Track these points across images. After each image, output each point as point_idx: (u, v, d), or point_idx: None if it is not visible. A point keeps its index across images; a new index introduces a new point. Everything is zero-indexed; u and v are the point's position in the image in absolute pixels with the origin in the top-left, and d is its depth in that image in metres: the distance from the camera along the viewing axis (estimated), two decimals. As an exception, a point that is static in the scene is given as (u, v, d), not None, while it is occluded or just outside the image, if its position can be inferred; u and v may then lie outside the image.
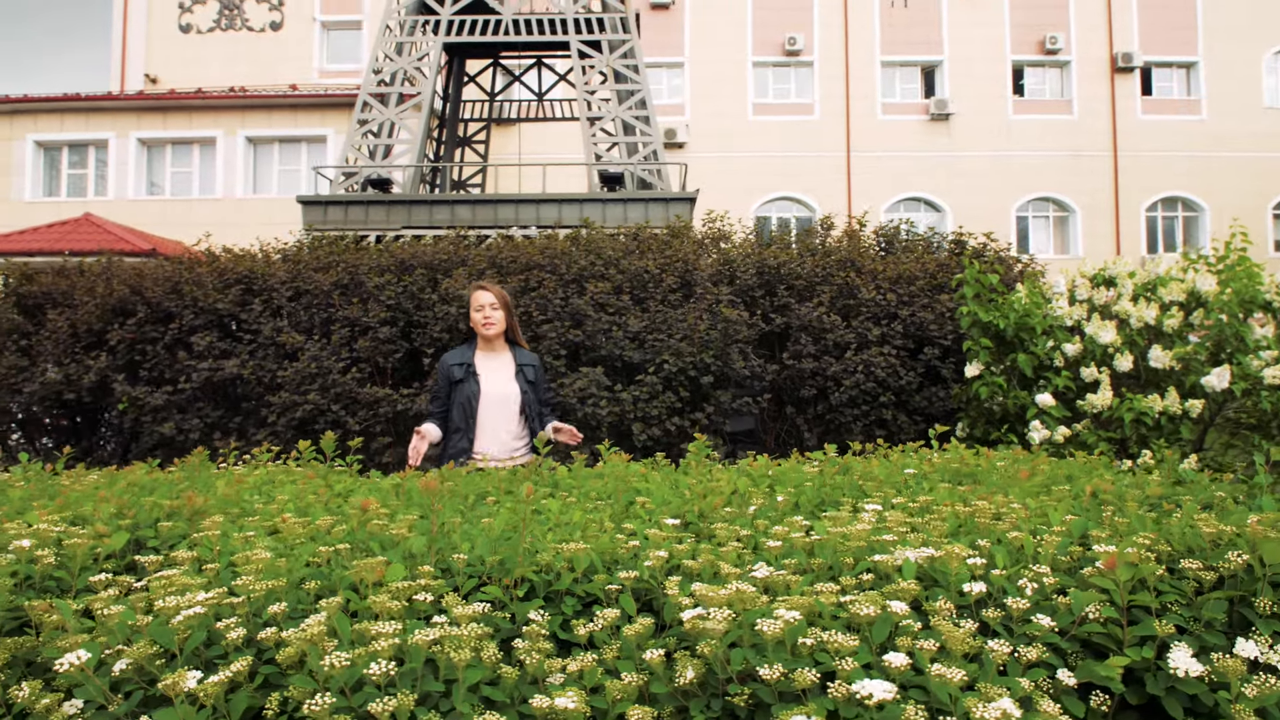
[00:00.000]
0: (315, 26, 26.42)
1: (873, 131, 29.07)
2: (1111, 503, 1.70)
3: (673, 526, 1.62)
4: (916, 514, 1.60)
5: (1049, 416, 5.13)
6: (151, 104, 22.75)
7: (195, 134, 22.96)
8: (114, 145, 22.84)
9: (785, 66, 30.18)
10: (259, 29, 26.70)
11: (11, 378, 6.60)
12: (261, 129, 22.89)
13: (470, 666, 1.08)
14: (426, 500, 1.79)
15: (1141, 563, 1.20)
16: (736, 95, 29.62)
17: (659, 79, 30.08)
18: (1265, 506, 1.49)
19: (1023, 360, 5.22)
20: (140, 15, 26.31)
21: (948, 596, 1.22)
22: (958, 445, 2.62)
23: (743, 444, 6.99)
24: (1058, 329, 5.49)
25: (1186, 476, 2.04)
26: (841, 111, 29.42)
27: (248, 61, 25.91)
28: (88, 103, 22.41)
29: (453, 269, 6.65)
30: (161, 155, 23.48)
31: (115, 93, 23.48)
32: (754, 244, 7.22)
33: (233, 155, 22.78)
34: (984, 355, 5.32)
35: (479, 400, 4.28)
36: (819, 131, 29.34)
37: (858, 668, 1.05)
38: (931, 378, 6.39)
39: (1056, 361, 5.43)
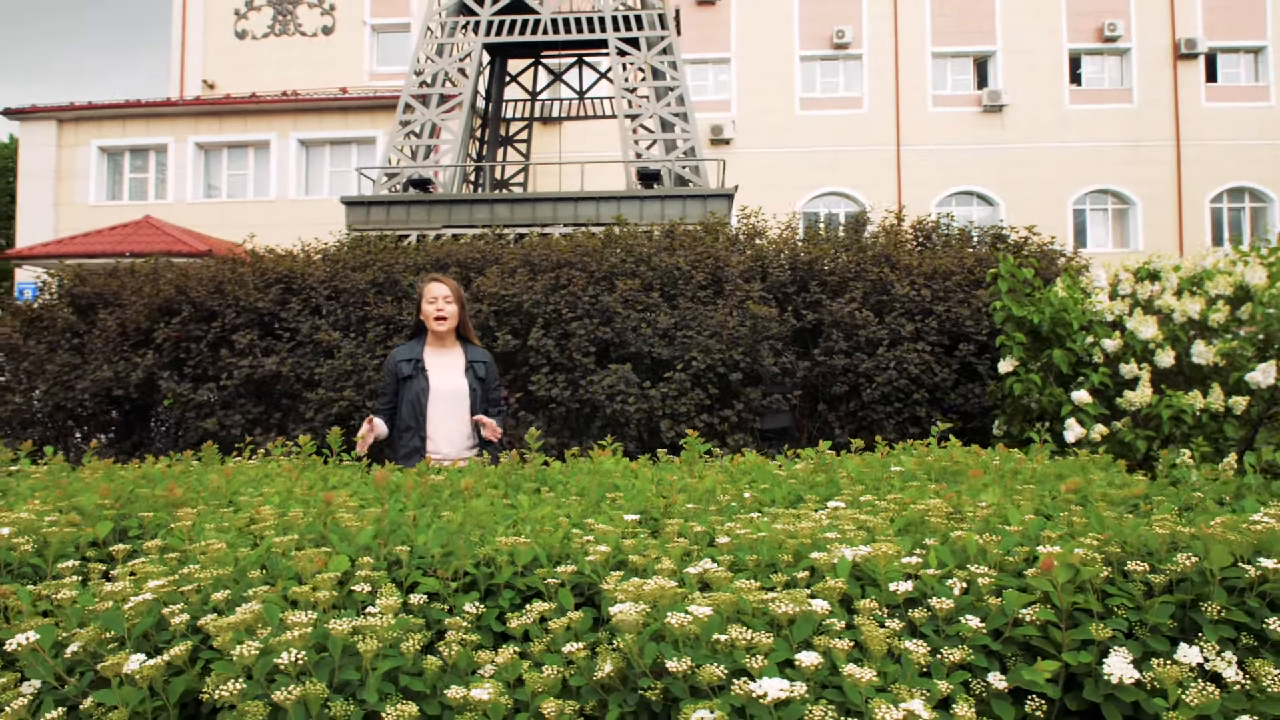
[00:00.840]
0: (365, 30, 26.88)
1: (923, 124, 28.57)
2: (1082, 502, 1.64)
3: (631, 522, 1.61)
4: (876, 512, 1.57)
5: (1085, 414, 4.98)
6: (208, 109, 23.39)
7: (250, 137, 23.54)
8: (173, 149, 23.53)
9: (833, 60, 29.81)
10: (311, 33, 27.26)
11: (65, 375, 6.84)
12: (313, 132, 23.37)
13: (387, 656, 1.08)
14: (414, 493, 1.82)
15: (1086, 564, 1.16)
16: (784, 90, 29.35)
17: (705, 75, 29.97)
18: (1248, 508, 1.41)
19: (1058, 356, 5.08)
20: (198, 23, 27.07)
21: (880, 596, 1.19)
22: (949, 442, 2.55)
23: (776, 441, 6.93)
24: (1097, 324, 5.33)
25: (1181, 476, 1.96)
26: (891, 104, 28.97)
27: (300, 66, 26.48)
28: (148, 109, 23.12)
29: (485, 267, 6.72)
30: (218, 158, 24.13)
31: (174, 99, 24.19)
32: (787, 239, 7.15)
33: (285, 158, 23.31)
34: (1018, 351, 5.19)
35: (428, 397, 4.14)
36: (868, 125, 28.92)
37: (770, 665, 1.03)
38: (967, 374, 6.27)
39: (1096, 358, 5.27)
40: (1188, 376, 5.17)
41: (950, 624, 1.14)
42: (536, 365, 6.13)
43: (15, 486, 2.10)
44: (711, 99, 29.72)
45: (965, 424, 6.22)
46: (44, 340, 7.06)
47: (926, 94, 28.55)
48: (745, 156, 29.06)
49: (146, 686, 1.07)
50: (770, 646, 1.03)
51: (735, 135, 29.11)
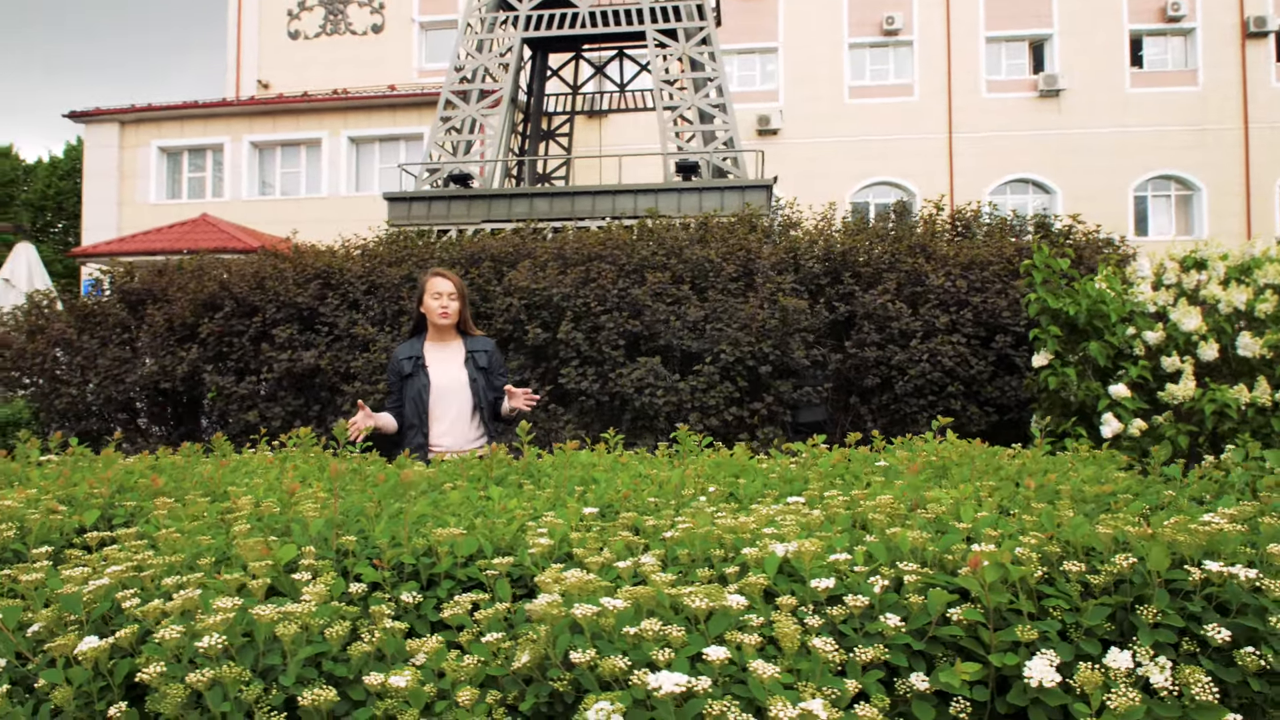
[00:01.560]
0: (414, 27, 27.23)
1: (976, 111, 27.94)
2: (1051, 499, 1.57)
3: (590, 515, 1.60)
4: (827, 508, 1.54)
5: (1123, 408, 4.83)
6: (261, 108, 23.94)
7: (302, 135, 24.03)
8: (229, 149, 24.14)
9: (883, 47, 29.32)
10: (361, 32, 27.71)
11: (115, 368, 7.07)
12: (363, 129, 23.77)
13: (310, 642, 1.10)
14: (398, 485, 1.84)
15: (1022, 563, 1.11)
16: (832, 78, 28.96)
17: (752, 65, 29.72)
18: (1220, 506, 1.34)
19: (1095, 349, 4.94)
20: (252, 24, 27.70)
21: (804, 593, 1.16)
22: (945, 437, 2.48)
23: (811, 434, 6.86)
24: (1139, 315, 5.17)
25: (1172, 474, 1.87)
26: (943, 91, 28.39)
27: (351, 64, 26.93)
28: (204, 109, 23.75)
29: (518, 261, 6.76)
30: (272, 157, 24.69)
31: (229, 99, 24.81)
32: (822, 230, 7.06)
33: (336, 155, 23.75)
34: (1052, 344, 5.06)
35: (429, 393, 4.14)
36: (919, 113, 28.39)
37: (681, 659, 1.02)
38: (1005, 367, 6.13)
39: (1137, 350, 5.11)
40: (1233, 370, 4.99)
41: (872, 622, 1.11)
42: (566, 358, 6.16)
43: (31, 476, 2.19)
44: (759, 89, 29.47)
45: (1002, 417, 6.08)
46: (96, 335, 7.32)
47: (980, 79, 27.92)
48: (793, 147, 28.77)
49: (91, 667, 1.11)
50: (682, 640, 1.02)
51: (783, 125, 28.81)
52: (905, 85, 28.61)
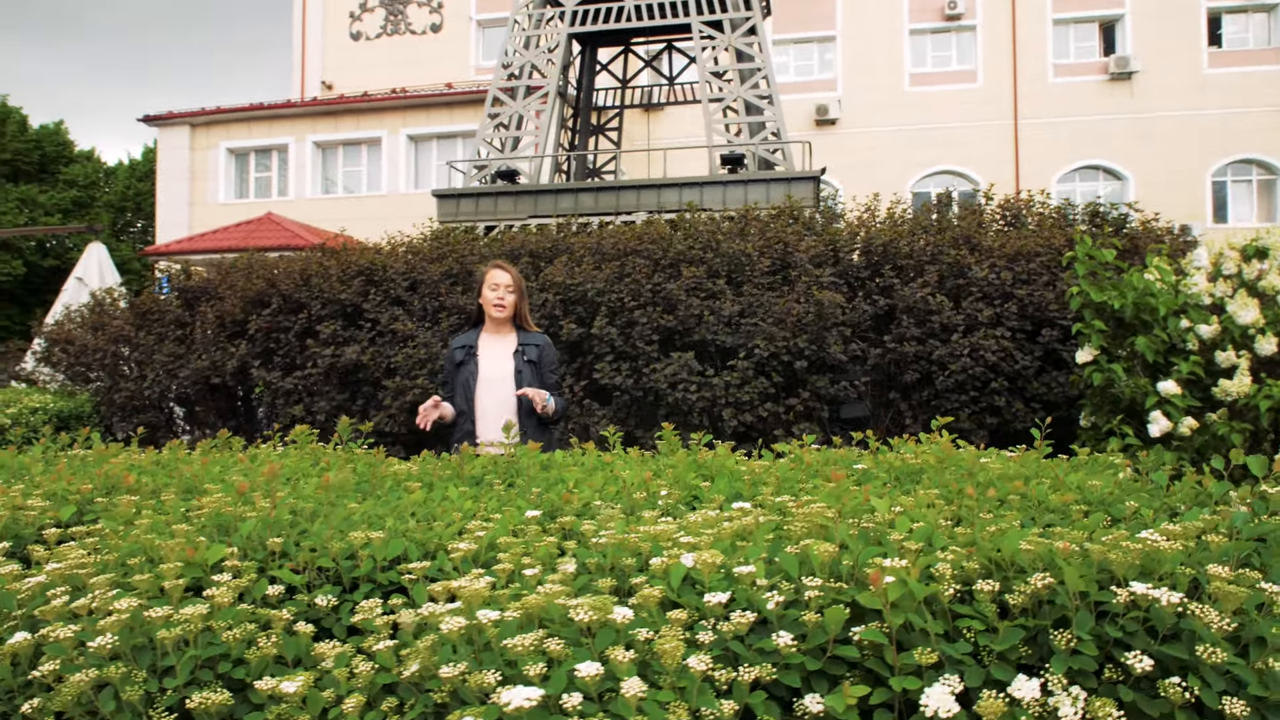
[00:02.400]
0: (472, 25, 27.55)
1: (1043, 96, 27.09)
2: (1015, 507, 1.47)
3: (532, 519, 1.57)
4: (773, 513, 1.47)
5: (1173, 406, 4.62)
6: (323, 109, 24.50)
7: (363, 135, 24.52)
8: (293, 149, 24.77)
9: (945, 33, 28.63)
10: (420, 31, 28.15)
11: (170, 363, 7.31)
12: (421, 127, 24.14)
13: (210, 644, 1.10)
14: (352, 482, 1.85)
15: (936, 579, 1.04)
16: (892, 66, 28.39)
17: (809, 54, 29.31)
18: (1185, 519, 1.23)
19: (1142, 344, 4.72)
20: (316, 27, 28.36)
21: (699, 607, 1.11)
22: (941, 437, 2.36)
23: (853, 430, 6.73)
24: (1193, 308, 4.93)
25: (1159, 481, 1.74)
26: (1008, 76, 27.59)
27: (411, 64, 27.38)
28: (270, 110, 24.41)
29: (556, 257, 6.77)
30: (334, 156, 25.26)
31: (294, 100, 25.45)
32: (865, 222, 6.91)
33: (396, 153, 24.18)
34: (1096, 340, 4.86)
35: (476, 381, 4.19)
36: (983, 99, 27.64)
37: (559, 673, 0.98)
38: (1052, 362, 5.92)
39: (1190, 345, 4.88)
40: (1294, 364, 4.72)
41: (766, 639, 1.05)
42: (601, 353, 6.15)
43: (34, 470, 2.26)
44: (816, 78, 29.06)
45: (1049, 414, 5.86)
46: (154, 332, 7.57)
47: (1047, 63, 27.06)
48: (852, 136, 28.31)
49: (9, 662, 1.13)
50: (563, 654, 0.99)
51: (841, 115, 28.35)
52: (968, 71, 27.88)
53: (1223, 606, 0.99)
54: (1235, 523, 1.21)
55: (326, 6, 28.54)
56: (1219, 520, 1.23)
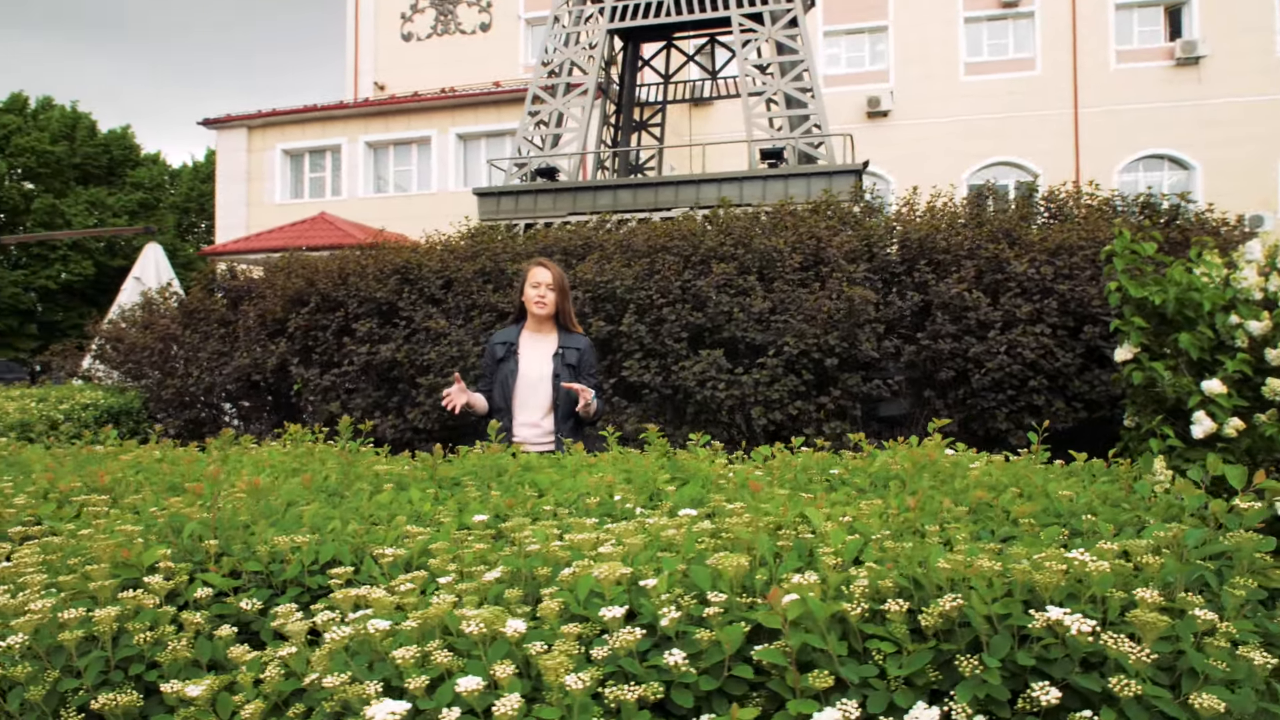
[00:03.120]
0: (520, 24, 27.72)
1: (1104, 83, 26.24)
2: (933, 519, 1.38)
3: (479, 524, 1.54)
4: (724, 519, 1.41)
5: (1218, 406, 4.41)
6: (375, 109, 24.91)
7: (413, 134, 24.87)
8: (346, 149, 25.24)
9: (1001, 20, 27.93)
10: (470, 31, 28.42)
11: (214, 361, 7.49)
12: (470, 126, 24.39)
13: (126, 646, 1.09)
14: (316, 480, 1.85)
15: (847, 597, 0.98)
16: (946, 56, 27.78)
17: (860, 45, 28.86)
18: (1144, 535, 1.13)
19: (1185, 341, 4.52)
20: (369, 29, 28.84)
21: (597, 620, 1.06)
22: (931, 440, 2.26)
23: (887, 429, 6.60)
24: (1242, 303, 4.70)
25: (1142, 491, 1.62)
26: (1067, 64, 26.79)
27: (462, 63, 27.66)
28: (323, 112, 24.90)
29: (588, 254, 6.76)
30: (385, 155, 25.67)
31: (346, 101, 25.92)
32: (903, 216, 6.76)
33: (445, 152, 24.47)
34: (1135, 337, 4.66)
35: (515, 380, 4.18)
36: (1041, 88, 26.88)
37: (446, 688, 0.95)
38: (1096, 360, 5.71)
39: (1239, 341, 4.66)
40: (1352, 362, 4.47)
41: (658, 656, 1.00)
42: (629, 351, 6.12)
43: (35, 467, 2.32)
44: (868, 70, 28.60)
45: (1091, 414, 5.68)
46: (199, 330, 7.76)
47: (1109, 50, 26.20)
48: (904, 128, 27.81)
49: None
50: (447, 666, 0.96)
51: (893, 106, 27.86)
52: (1026, 59, 27.16)
53: (1144, 635, 0.91)
54: (1187, 541, 1.11)
55: (378, 8, 29.00)
56: (1174, 537, 1.14)
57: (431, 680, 0.98)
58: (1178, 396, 4.74)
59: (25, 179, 40.75)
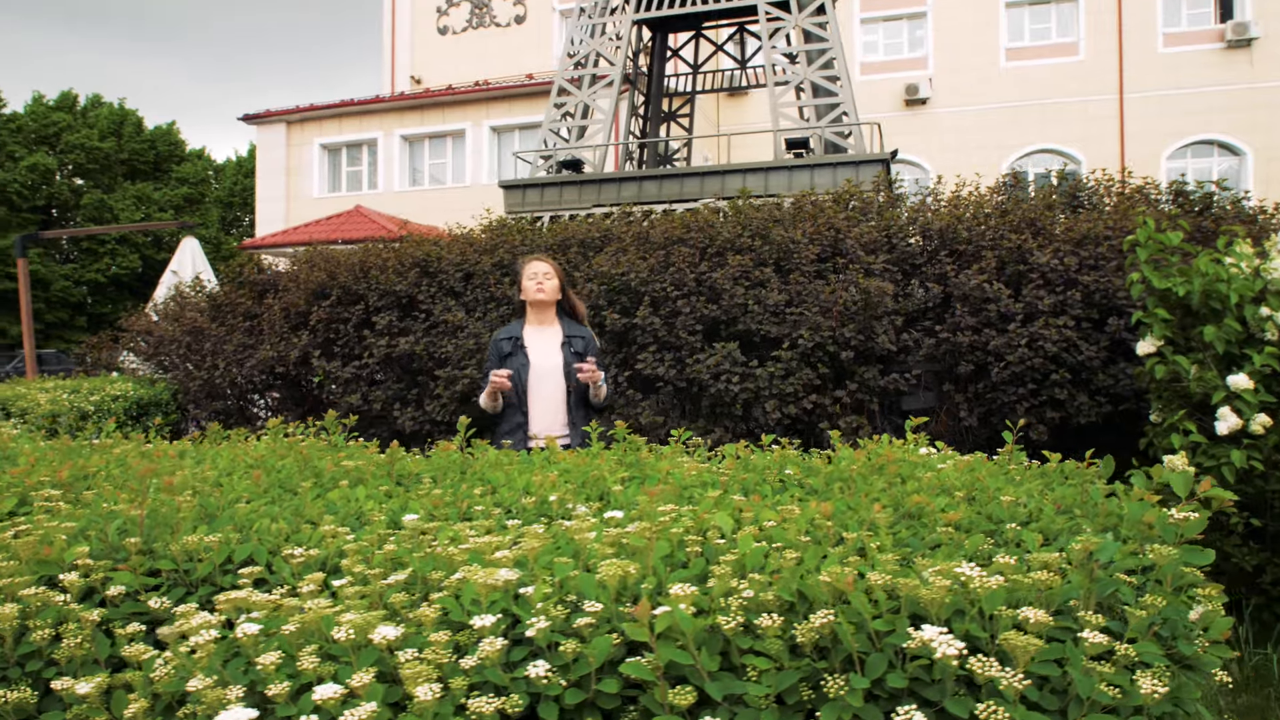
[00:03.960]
0: (554, 16, 27.73)
1: (1151, 67, 25.51)
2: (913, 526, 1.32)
3: (411, 523, 1.52)
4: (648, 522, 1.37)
5: (1244, 401, 4.26)
6: (410, 103, 25.10)
7: (447, 128, 25.03)
8: (382, 143, 25.48)
9: (1044, 4, 27.28)
10: (505, 24, 28.50)
11: (239, 354, 7.60)
12: (503, 118, 24.47)
13: (25, 645, 1.09)
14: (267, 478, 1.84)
15: (713, 610, 0.93)
16: (987, 42, 27.23)
17: (898, 32, 28.42)
18: (1106, 550, 1.05)
19: (1210, 334, 4.36)
20: (405, 24, 29.07)
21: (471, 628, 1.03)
22: (900, 441, 2.19)
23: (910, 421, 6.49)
24: (1272, 295, 4.53)
25: (1095, 496, 1.52)
26: (1112, 48, 26.08)
27: (497, 56, 27.77)
28: (359, 106, 25.15)
29: (606, 246, 6.73)
30: (420, 149, 25.87)
31: (382, 96, 26.16)
32: (927, 205, 6.63)
33: (479, 145, 24.59)
34: (1158, 329, 4.52)
35: (528, 373, 4.18)
36: (1085, 73, 26.22)
37: (307, 697, 0.93)
38: (1121, 353, 5.55)
39: (1269, 334, 4.49)
40: (1387, 356, 4.29)
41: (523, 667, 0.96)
42: (644, 344, 6.09)
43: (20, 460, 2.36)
44: (906, 57, 28.16)
45: (1116, 408, 5.52)
46: (225, 323, 7.89)
47: (1155, 33, 25.46)
48: (943, 116, 27.35)
49: None
50: (317, 673, 0.93)
51: (932, 94, 27.39)
52: (1069, 44, 26.51)
53: (1016, 657, 0.86)
54: (1099, 555, 1.04)
55: (415, 3, 29.20)
56: (1076, 554, 1.07)
57: (301, 687, 0.96)
58: (1202, 392, 4.58)
59: (75, 175, 41.83)
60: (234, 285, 8.39)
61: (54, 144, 40.82)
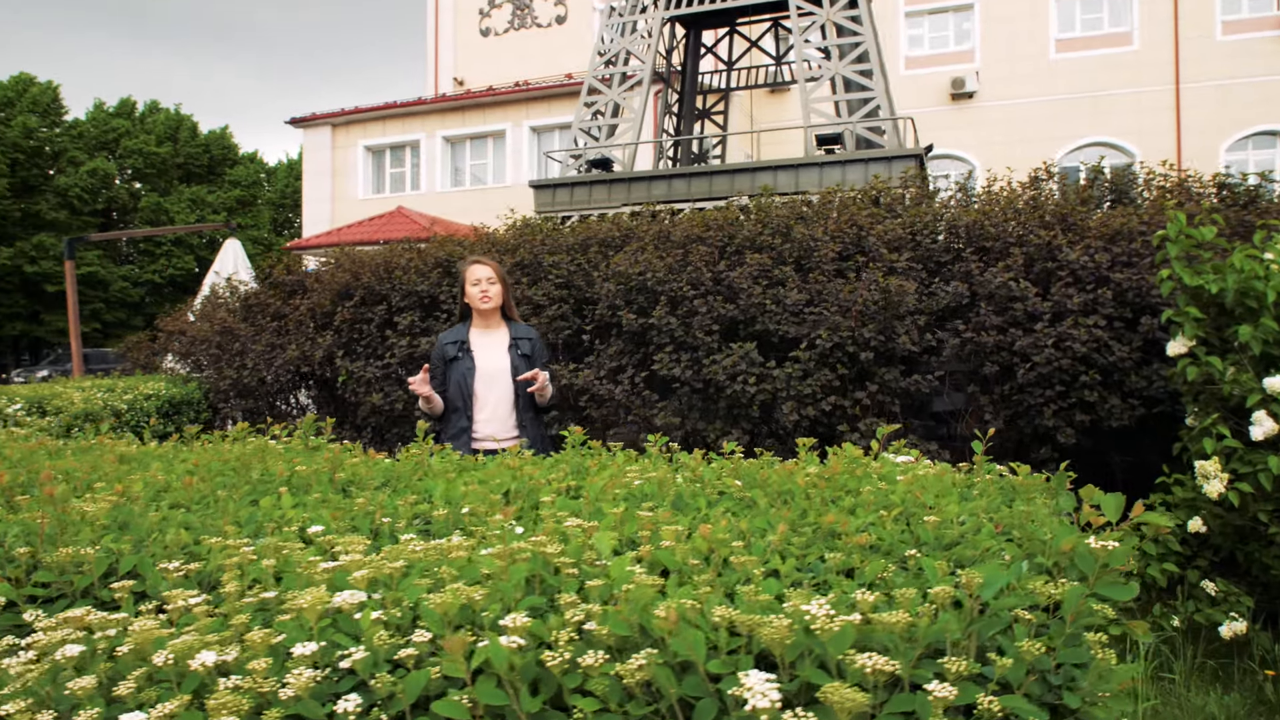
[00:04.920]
0: (595, 15, 27.75)
1: (1209, 57, 24.69)
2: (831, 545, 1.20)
3: (317, 534, 1.46)
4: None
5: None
6: (452, 104, 25.33)
7: (489, 128, 25.21)
8: (424, 144, 25.76)
9: (1097, -9, 26.58)
10: (546, 24, 28.61)
11: (268, 353, 7.70)
12: (544, 118, 24.56)
13: None
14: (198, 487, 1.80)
15: (553, 647, 0.84)
16: (1036, 33, 26.61)
17: (944, 25, 27.91)
18: (991, 584, 0.93)
19: (1245, 334, 4.15)
20: (449, 26, 29.35)
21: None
22: (838, 451, 2.05)
23: (945, 425, 6.32)
24: (1315, 292, 4.29)
25: (1065, 507, 1.39)
26: (1168, 38, 25.30)
27: (538, 57, 27.90)
28: (402, 109, 25.46)
29: (625, 245, 6.67)
30: (462, 150, 26.10)
31: (424, 98, 26.45)
32: (945, 203, 6.45)
33: (520, 144, 24.72)
34: (1190, 329, 4.31)
35: (474, 376, 4.19)
36: (1138, 63, 25.47)
37: (94, 716, 0.87)
38: (1156, 353, 5.32)
39: (1312, 334, 4.25)
40: None
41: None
42: (660, 344, 6.01)
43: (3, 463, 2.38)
44: (952, 50, 27.65)
45: (1150, 411, 5.30)
46: (255, 323, 8.00)
47: (1214, 20, 24.62)
48: (991, 110, 26.81)
49: None
50: (137, 700, 0.88)
51: (979, 87, 26.86)
52: (1122, 34, 25.77)
53: (837, 713, 0.75)
54: (984, 590, 0.93)
55: (458, 5, 29.47)
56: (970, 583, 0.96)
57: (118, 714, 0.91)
58: (1238, 394, 4.36)
59: (134, 179, 43.07)
60: (264, 285, 8.51)
61: (113, 149, 42.09)
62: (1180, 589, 4.45)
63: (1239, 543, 4.57)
